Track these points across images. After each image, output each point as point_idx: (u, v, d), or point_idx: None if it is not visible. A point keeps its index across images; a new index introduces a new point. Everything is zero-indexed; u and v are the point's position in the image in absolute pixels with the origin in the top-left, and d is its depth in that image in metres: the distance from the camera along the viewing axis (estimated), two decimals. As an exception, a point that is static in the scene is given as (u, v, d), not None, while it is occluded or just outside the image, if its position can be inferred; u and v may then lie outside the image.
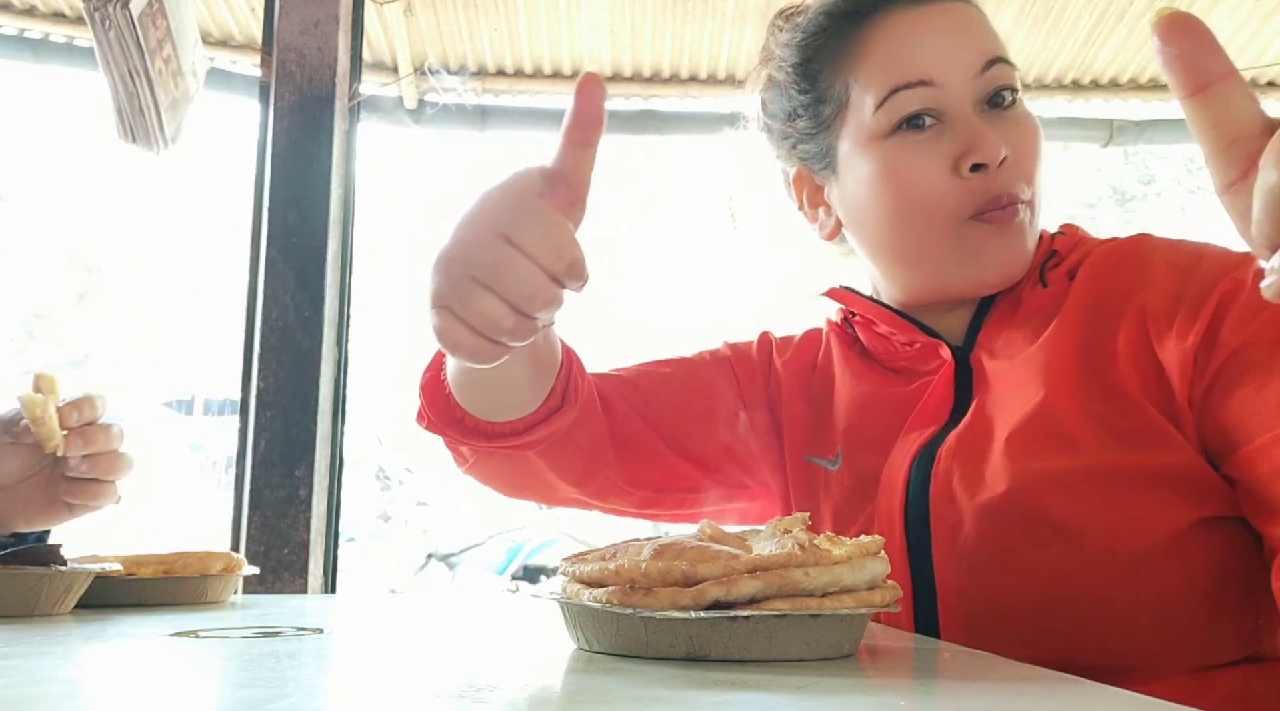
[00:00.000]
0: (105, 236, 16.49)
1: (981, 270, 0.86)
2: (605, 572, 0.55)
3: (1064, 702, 0.45)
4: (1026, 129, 0.86)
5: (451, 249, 0.62)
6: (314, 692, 0.44)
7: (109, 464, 0.96)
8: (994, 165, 0.83)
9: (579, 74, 2.96)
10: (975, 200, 0.84)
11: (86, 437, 0.93)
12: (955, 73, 0.85)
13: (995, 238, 0.85)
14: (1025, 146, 0.85)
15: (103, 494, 0.97)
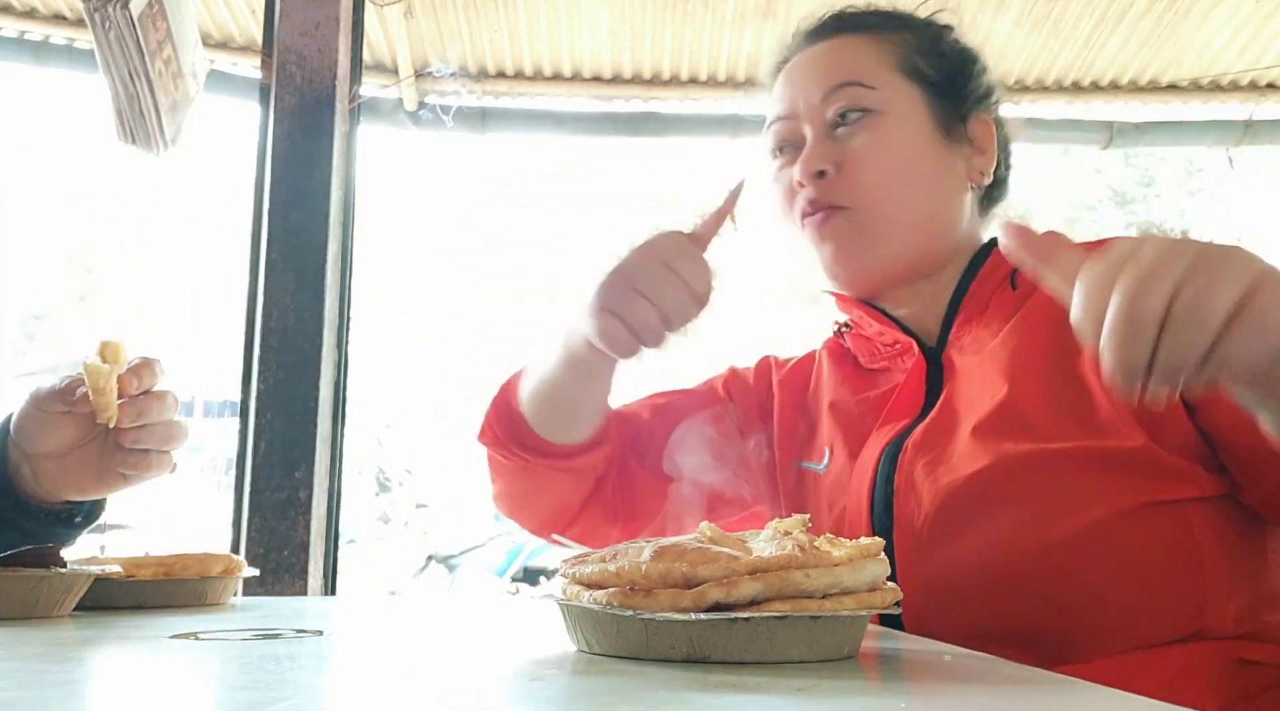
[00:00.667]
0: (105, 238, 16.49)
1: (821, 264, 1.00)
2: (605, 574, 0.55)
3: (1062, 704, 0.45)
4: (860, 144, 0.96)
5: (619, 268, 0.85)
6: (314, 695, 0.44)
7: (164, 434, 0.94)
8: (805, 181, 0.97)
9: (579, 75, 2.96)
10: (800, 209, 0.99)
11: (140, 408, 0.91)
12: (804, 105, 0.99)
13: (815, 239, 0.98)
14: (854, 160, 0.95)
15: (158, 464, 0.95)
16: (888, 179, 0.95)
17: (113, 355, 0.89)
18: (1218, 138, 3.05)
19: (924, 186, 0.98)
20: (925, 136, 0.98)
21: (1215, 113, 3.07)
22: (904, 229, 0.97)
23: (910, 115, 0.98)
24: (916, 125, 0.98)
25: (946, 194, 0.99)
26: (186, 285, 17.18)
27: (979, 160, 1.02)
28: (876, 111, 0.96)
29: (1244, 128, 3.04)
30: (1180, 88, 3.01)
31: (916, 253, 0.98)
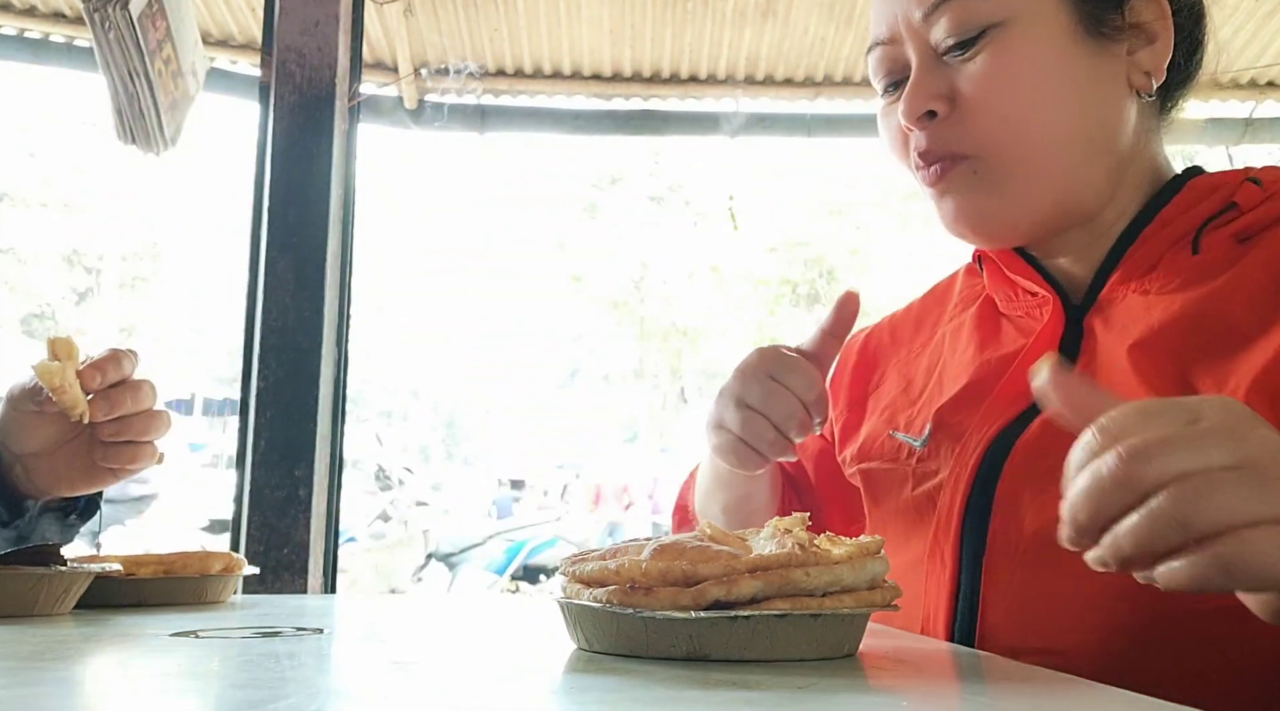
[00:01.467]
0: (105, 236, 16.49)
1: (942, 222, 0.82)
2: (606, 572, 0.55)
3: (1064, 702, 0.45)
4: (977, 71, 0.76)
5: (730, 386, 0.83)
6: (314, 693, 0.44)
7: (142, 425, 0.92)
8: (911, 125, 0.79)
9: (579, 74, 2.96)
10: (912, 158, 0.81)
11: (113, 401, 0.89)
12: (901, 26, 0.79)
13: (933, 195, 0.81)
14: (972, 94, 0.76)
15: (140, 456, 0.93)
16: (1018, 114, 0.75)
17: (63, 351, 0.87)
18: (1217, 136, 3.05)
19: (1068, 113, 0.76)
20: (1065, 42, 0.76)
21: (1215, 111, 3.07)
22: (1044, 175, 0.77)
23: (1041, 18, 0.75)
24: (1051, 30, 0.75)
25: (1101, 114, 0.77)
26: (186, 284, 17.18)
27: (1146, 54, 0.78)
28: (994, 23, 0.75)
29: (1244, 126, 3.04)
30: (1180, 86, 3.01)
31: (1064, 199, 0.78)
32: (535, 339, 18.85)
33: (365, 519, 8.96)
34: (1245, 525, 0.46)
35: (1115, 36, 0.77)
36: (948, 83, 0.77)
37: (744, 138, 3.09)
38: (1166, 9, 0.78)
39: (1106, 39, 0.77)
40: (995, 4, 0.75)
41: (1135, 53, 0.78)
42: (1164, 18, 0.78)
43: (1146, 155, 0.81)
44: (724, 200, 14.01)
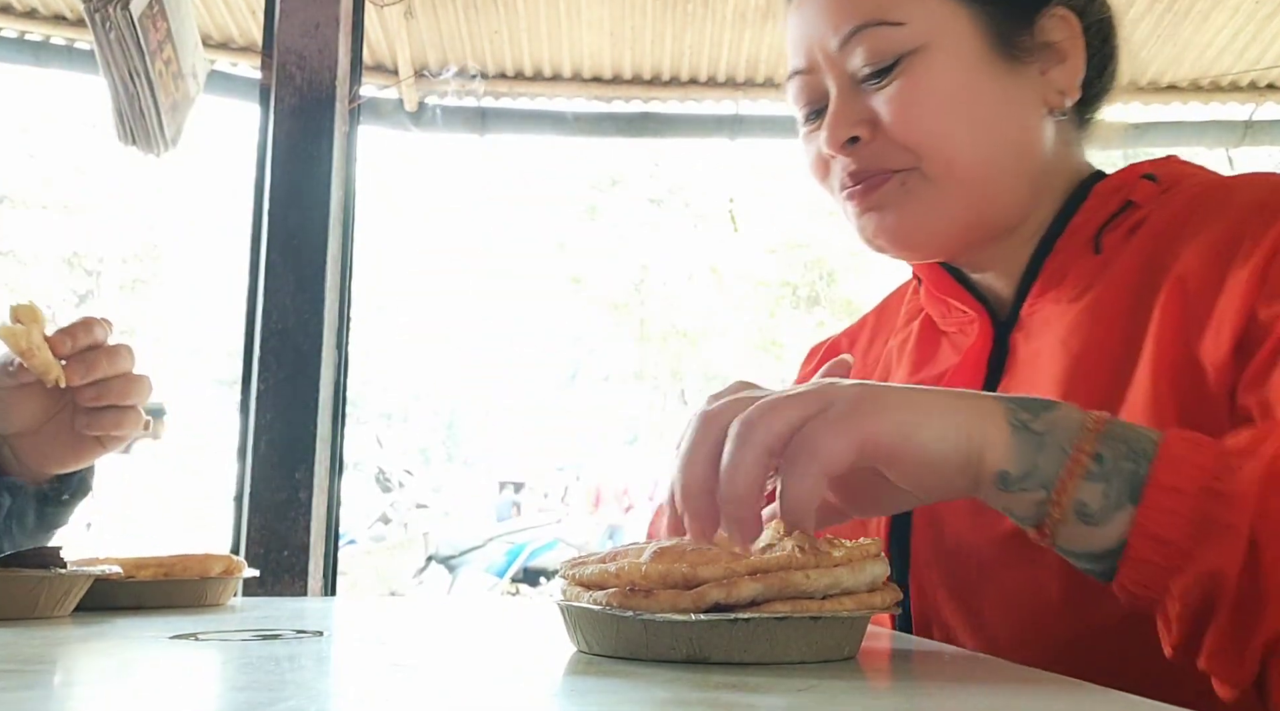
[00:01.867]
0: (105, 238, 16.49)
1: (861, 237, 0.83)
2: (605, 575, 0.55)
3: (1064, 704, 0.45)
4: (895, 94, 0.77)
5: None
6: (314, 696, 0.44)
7: (121, 388, 0.90)
8: (834, 153, 0.80)
9: (579, 76, 2.97)
10: (839, 182, 0.82)
11: (89, 364, 0.88)
12: (819, 55, 0.80)
13: (853, 207, 0.81)
14: (892, 116, 0.77)
15: (124, 421, 0.92)
16: (937, 133, 0.76)
17: (26, 315, 0.85)
18: (1217, 138, 3.05)
19: (985, 133, 0.77)
20: (978, 65, 0.77)
21: (1215, 113, 3.08)
22: (967, 189, 0.78)
23: (954, 42, 0.77)
24: (963, 54, 0.77)
25: (1018, 133, 0.79)
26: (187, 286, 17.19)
27: (1058, 73, 0.80)
28: (908, 51, 0.76)
29: (1244, 128, 3.04)
30: (1180, 88, 3.01)
31: (986, 213, 0.79)
32: (535, 340, 18.86)
33: (365, 521, 8.96)
34: (797, 428, 0.55)
35: (1027, 58, 0.79)
36: (868, 109, 0.78)
37: (744, 140, 3.10)
38: (1077, 28, 0.80)
39: (1019, 60, 0.79)
40: (908, 32, 0.77)
41: (1048, 72, 0.80)
42: (1074, 37, 0.80)
43: (1066, 167, 0.82)
44: (724, 202, 14.00)
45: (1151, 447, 0.54)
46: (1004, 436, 0.56)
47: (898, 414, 0.56)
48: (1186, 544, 0.51)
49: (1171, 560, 0.52)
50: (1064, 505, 0.54)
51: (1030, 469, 0.55)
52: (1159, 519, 0.52)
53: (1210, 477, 0.52)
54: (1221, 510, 0.51)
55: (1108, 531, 0.54)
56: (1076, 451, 0.54)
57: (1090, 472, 0.54)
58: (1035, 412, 0.57)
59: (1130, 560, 0.53)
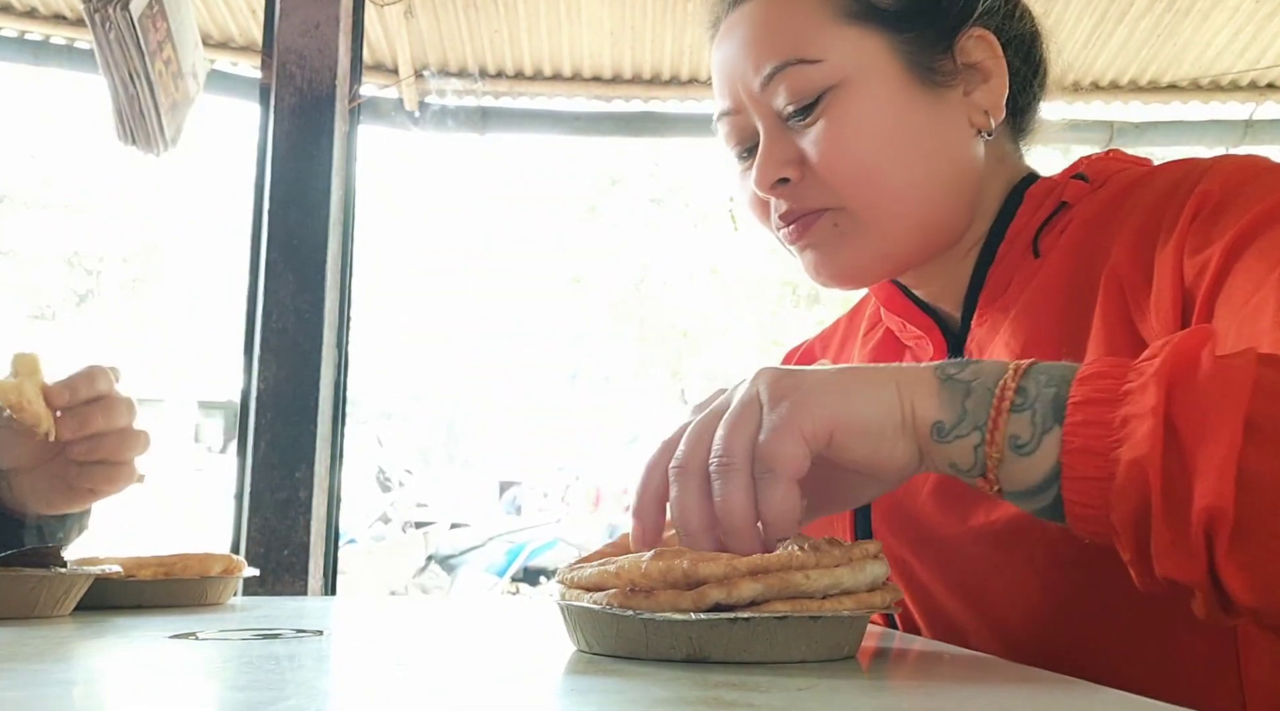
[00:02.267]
0: (105, 238, 16.50)
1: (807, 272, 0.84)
2: (605, 575, 0.55)
3: (1064, 704, 0.45)
4: (819, 134, 0.77)
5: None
6: (314, 695, 0.44)
7: (116, 445, 0.88)
8: (765, 193, 0.81)
9: (579, 76, 2.97)
10: (774, 222, 0.83)
11: (83, 418, 0.85)
12: (746, 94, 0.80)
13: (797, 251, 0.83)
14: (821, 156, 0.77)
15: (117, 477, 0.89)
16: (865, 168, 0.77)
17: (25, 367, 0.83)
18: (1218, 138, 3.05)
19: (914, 161, 0.78)
20: (900, 95, 0.78)
21: (1215, 113, 3.08)
22: (900, 221, 0.79)
23: (874, 73, 0.77)
24: (885, 85, 0.77)
25: (947, 156, 0.79)
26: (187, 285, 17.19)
27: (981, 93, 0.80)
28: (829, 87, 0.76)
29: (1244, 128, 3.04)
30: (1180, 88, 3.01)
31: (923, 240, 0.80)
32: (535, 340, 18.85)
33: (365, 520, 8.96)
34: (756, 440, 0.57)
35: (949, 82, 0.79)
36: (795, 148, 0.78)
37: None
38: (996, 47, 0.80)
39: (941, 85, 0.79)
40: (828, 68, 0.76)
41: (972, 92, 0.80)
42: (995, 56, 0.80)
43: (1001, 177, 0.83)
44: (724, 201, 14.01)
45: (1070, 372, 0.55)
46: (933, 389, 0.57)
47: (827, 395, 0.57)
48: (1110, 449, 0.52)
49: (1102, 469, 0.52)
50: (998, 442, 0.55)
51: (961, 414, 0.56)
52: (1082, 430, 0.52)
53: (1123, 382, 0.53)
54: (1133, 407, 0.51)
55: (1042, 458, 0.54)
56: (1002, 389, 0.55)
57: (1016, 404, 0.55)
58: (961, 366, 0.59)
59: (1067, 479, 0.53)
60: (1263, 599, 0.49)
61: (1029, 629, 0.72)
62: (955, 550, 0.75)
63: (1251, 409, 0.49)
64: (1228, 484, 0.48)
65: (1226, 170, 0.69)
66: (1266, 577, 0.49)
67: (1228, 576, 0.49)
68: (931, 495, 0.76)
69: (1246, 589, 0.49)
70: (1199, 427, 0.49)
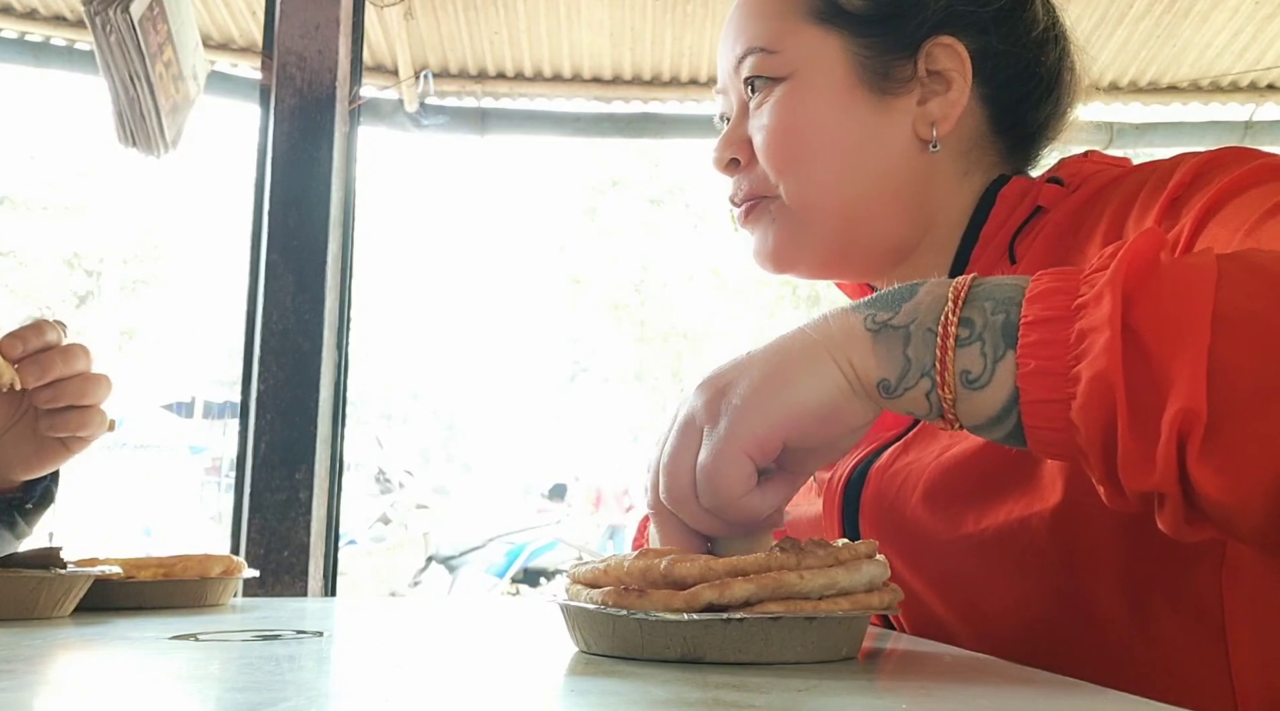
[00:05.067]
0: (105, 239, 16.50)
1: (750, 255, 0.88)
2: (596, 573, 0.56)
3: (1064, 704, 0.45)
4: (761, 123, 0.81)
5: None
6: (314, 696, 0.44)
7: (79, 388, 0.90)
8: (718, 171, 0.85)
9: (579, 77, 2.97)
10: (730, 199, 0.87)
11: (43, 365, 0.87)
12: (728, 77, 0.86)
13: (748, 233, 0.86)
14: (762, 143, 0.81)
15: (86, 421, 0.91)
16: (794, 162, 0.79)
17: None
18: (1217, 138, 3.05)
19: (846, 161, 0.79)
20: (842, 97, 0.79)
21: (1215, 114, 3.08)
22: (821, 211, 0.81)
23: (821, 73, 0.79)
24: (830, 84, 0.79)
25: (880, 159, 0.80)
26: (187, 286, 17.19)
27: (937, 104, 0.80)
28: (780, 78, 0.80)
29: (1244, 129, 3.04)
30: (1180, 89, 3.02)
31: (853, 241, 0.82)
32: (535, 341, 18.86)
33: (366, 521, 8.96)
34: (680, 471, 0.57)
35: (902, 88, 0.80)
36: (746, 134, 0.83)
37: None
38: (963, 57, 0.79)
39: (891, 93, 0.80)
40: (781, 59, 0.80)
41: (927, 102, 0.80)
42: (960, 66, 0.80)
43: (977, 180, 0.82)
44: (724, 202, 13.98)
45: (1018, 293, 0.52)
46: (867, 346, 0.55)
47: (763, 401, 0.55)
48: (1069, 367, 0.49)
49: (1062, 390, 0.49)
50: (949, 382, 0.53)
51: (905, 366, 0.54)
52: (1038, 351, 0.50)
53: (1073, 297, 0.50)
54: (1088, 320, 0.49)
55: (997, 388, 0.52)
56: (944, 326, 0.53)
57: (961, 339, 0.52)
58: (895, 306, 0.55)
59: (1026, 403, 0.51)
60: (1235, 495, 0.47)
61: (1018, 634, 0.71)
62: (945, 557, 0.74)
63: (1218, 301, 0.47)
64: (1199, 382, 0.46)
65: (1200, 158, 0.70)
66: (1239, 474, 0.47)
67: (1200, 479, 0.47)
68: (921, 502, 0.75)
69: (1220, 489, 0.47)
70: (1163, 328, 0.48)
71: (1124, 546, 0.67)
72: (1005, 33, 0.82)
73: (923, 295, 0.55)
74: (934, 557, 0.75)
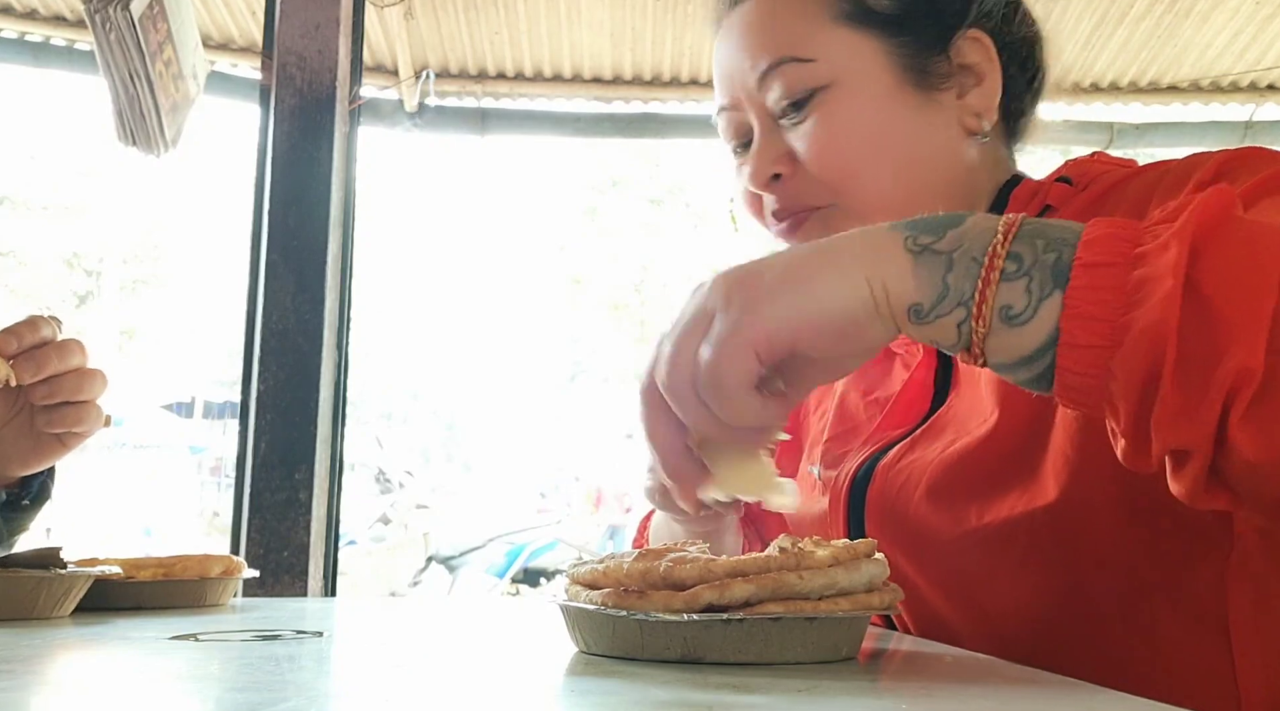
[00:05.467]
0: (105, 239, 16.50)
1: None
2: (595, 574, 0.56)
3: (1064, 704, 0.45)
4: (809, 132, 0.79)
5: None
6: (313, 696, 0.44)
7: (75, 384, 0.90)
8: (759, 190, 0.82)
9: (579, 77, 2.97)
10: (768, 218, 0.84)
11: (39, 361, 0.87)
12: (740, 92, 0.82)
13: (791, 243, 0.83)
14: (809, 154, 0.79)
15: (83, 417, 0.91)
16: (851, 168, 0.79)
17: None
18: (1218, 139, 3.05)
19: (901, 163, 0.79)
20: (890, 98, 0.79)
21: (1215, 114, 3.08)
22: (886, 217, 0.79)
23: (865, 76, 0.79)
24: (875, 88, 0.79)
25: (936, 160, 0.80)
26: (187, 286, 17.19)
27: (975, 96, 0.81)
28: (822, 87, 0.78)
29: (1244, 129, 3.04)
30: (1180, 89, 3.02)
31: None
32: (535, 341, 18.86)
33: (365, 521, 8.96)
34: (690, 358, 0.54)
35: (942, 84, 0.80)
36: (787, 145, 0.80)
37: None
38: (991, 49, 0.81)
39: (934, 88, 0.80)
40: (820, 68, 0.78)
41: (965, 95, 0.81)
42: (989, 58, 0.81)
43: (991, 181, 0.83)
44: (724, 202, 14.00)
45: (1072, 236, 0.51)
46: (906, 267, 0.53)
47: (782, 298, 0.53)
48: (1120, 315, 0.48)
49: (1108, 337, 0.48)
50: (986, 316, 0.51)
51: (943, 292, 0.52)
52: (1089, 295, 0.49)
53: (1134, 245, 0.49)
54: (1149, 269, 0.48)
55: (1037, 327, 0.50)
56: (990, 257, 0.51)
57: (1007, 272, 0.51)
58: (939, 232, 0.53)
59: (1065, 346, 0.49)
60: (1271, 457, 0.46)
61: (1022, 631, 0.71)
62: (948, 554, 0.74)
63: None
64: (1259, 342, 0.45)
65: (1223, 156, 0.69)
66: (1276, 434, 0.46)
67: (1240, 440, 0.47)
68: (925, 499, 0.75)
69: (1257, 451, 0.46)
70: (1228, 284, 0.47)
71: (1126, 544, 0.66)
72: (1014, 26, 0.83)
73: (969, 225, 0.53)
74: (937, 554, 0.75)
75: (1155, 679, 0.66)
